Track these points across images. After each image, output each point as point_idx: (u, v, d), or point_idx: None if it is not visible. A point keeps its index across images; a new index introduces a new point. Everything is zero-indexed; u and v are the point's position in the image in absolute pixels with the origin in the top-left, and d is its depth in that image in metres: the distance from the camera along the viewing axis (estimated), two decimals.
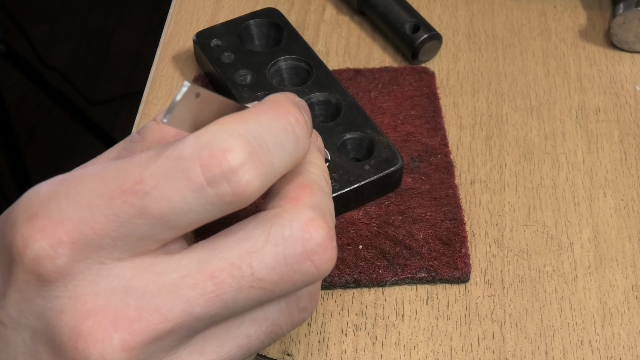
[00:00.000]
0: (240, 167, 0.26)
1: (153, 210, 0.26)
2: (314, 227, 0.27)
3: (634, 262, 0.44)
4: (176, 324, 0.27)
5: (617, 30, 0.54)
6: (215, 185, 0.26)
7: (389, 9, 0.55)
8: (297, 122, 0.28)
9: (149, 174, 0.26)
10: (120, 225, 0.26)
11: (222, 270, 0.27)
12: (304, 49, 0.51)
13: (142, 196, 0.26)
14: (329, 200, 0.30)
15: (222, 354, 0.29)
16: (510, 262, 0.44)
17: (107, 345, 0.26)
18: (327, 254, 0.28)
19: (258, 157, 0.26)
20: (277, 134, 0.28)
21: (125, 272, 0.27)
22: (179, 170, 0.26)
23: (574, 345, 0.41)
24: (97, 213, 0.26)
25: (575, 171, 0.48)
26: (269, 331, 0.30)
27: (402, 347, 0.41)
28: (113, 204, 0.26)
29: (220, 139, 0.26)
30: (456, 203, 0.46)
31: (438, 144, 0.48)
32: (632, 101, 0.52)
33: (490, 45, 0.55)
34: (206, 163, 0.26)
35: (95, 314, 0.26)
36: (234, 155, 0.26)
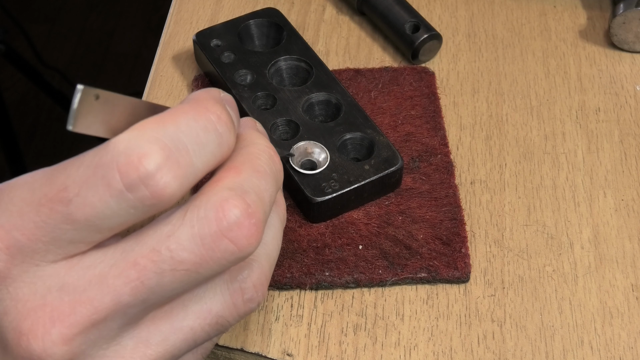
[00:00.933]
0: (157, 171, 0.27)
1: (78, 216, 0.27)
2: (228, 206, 0.28)
3: (634, 262, 0.44)
4: (108, 313, 0.28)
5: (617, 30, 0.54)
6: (133, 190, 0.27)
7: (389, 9, 0.55)
8: (218, 120, 0.29)
9: (72, 182, 0.27)
10: (50, 231, 0.27)
11: (143, 256, 0.28)
12: (304, 49, 0.51)
13: (66, 203, 0.27)
14: (262, 179, 0.30)
15: (167, 347, 0.30)
16: (510, 262, 0.44)
17: (47, 340, 0.27)
18: (244, 231, 0.28)
19: (175, 159, 0.27)
20: (197, 134, 0.28)
21: (59, 271, 0.28)
22: (99, 178, 0.27)
23: (574, 345, 0.41)
24: (27, 220, 0.28)
25: (575, 171, 0.48)
26: (213, 323, 0.30)
27: (402, 347, 0.41)
28: (41, 212, 0.27)
29: (136, 145, 0.27)
30: (456, 203, 0.46)
31: (438, 144, 0.48)
32: (632, 101, 0.52)
33: (490, 45, 0.55)
34: (123, 169, 0.27)
35: (35, 313, 0.28)
36: (150, 161, 0.27)
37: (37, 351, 0.27)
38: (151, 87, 0.53)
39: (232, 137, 0.30)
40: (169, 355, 0.30)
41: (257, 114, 0.47)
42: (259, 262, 0.31)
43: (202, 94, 0.30)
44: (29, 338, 0.27)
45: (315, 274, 0.42)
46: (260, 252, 0.32)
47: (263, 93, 0.48)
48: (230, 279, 0.31)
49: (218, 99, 0.30)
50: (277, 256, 0.33)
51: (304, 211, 0.44)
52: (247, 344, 0.41)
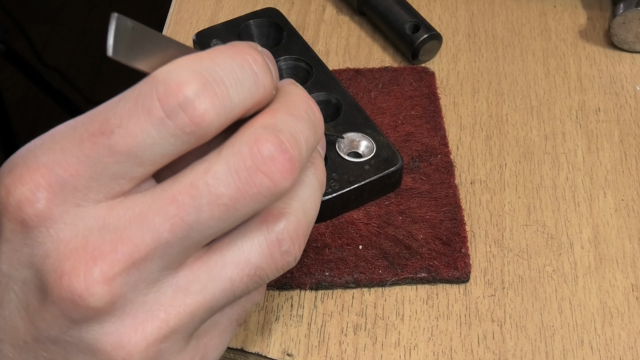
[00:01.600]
0: (195, 97, 0.27)
1: (120, 146, 0.28)
2: (262, 141, 0.29)
3: (634, 262, 0.44)
4: (149, 252, 0.28)
5: (617, 30, 0.54)
6: (173, 117, 0.27)
7: (389, 9, 0.55)
8: (254, 61, 0.30)
9: (113, 114, 0.28)
10: (92, 165, 0.28)
11: (181, 192, 0.28)
12: (304, 49, 0.51)
13: (109, 135, 0.28)
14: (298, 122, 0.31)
15: (206, 296, 0.30)
16: (510, 262, 0.44)
17: (89, 278, 0.27)
18: (278, 166, 0.29)
19: (212, 88, 0.28)
20: (233, 70, 0.29)
21: (100, 212, 0.28)
22: (139, 107, 0.28)
23: (574, 345, 0.41)
24: (69, 155, 0.28)
25: (575, 171, 0.48)
26: (252, 274, 0.31)
27: (402, 347, 0.41)
28: (83, 146, 0.28)
29: (175, 74, 0.28)
30: (456, 203, 0.46)
31: (438, 144, 0.48)
32: (632, 101, 0.52)
33: (490, 45, 0.55)
34: (163, 97, 0.27)
35: (76, 253, 0.28)
36: (189, 88, 0.27)
37: (78, 290, 0.27)
38: None
39: (268, 79, 0.30)
40: (207, 305, 0.30)
41: None
42: (295, 215, 0.31)
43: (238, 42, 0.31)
44: (70, 277, 0.27)
45: (315, 274, 0.42)
46: (296, 206, 0.32)
47: None
48: (268, 230, 0.31)
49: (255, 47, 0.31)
50: (315, 217, 0.33)
51: None
52: (247, 344, 0.41)
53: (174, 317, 0.29)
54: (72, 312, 0.28)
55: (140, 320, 0.29)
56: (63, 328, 0.28)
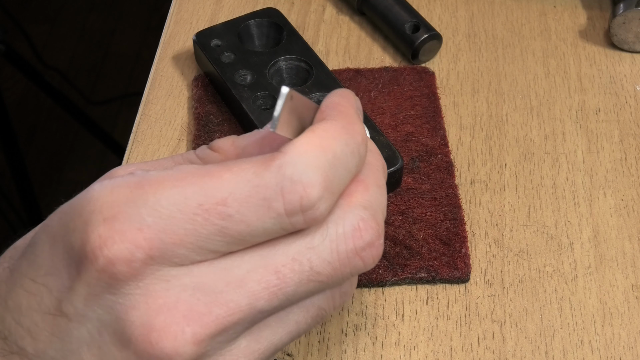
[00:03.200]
0: (318, 201, 0.28)
1: (232, 231, 0.28)
2: (365, 226, 0.30)
3: (634, 262, 0.44)
4: (242, 317, 0.28)
5: (617, 30, 0.54)
6: (292, 216, 0.28)
7: (389, 9, 0.55)
8: (362, 142, 0.31)
9: (232, 197, 0.28)
10: (198, 240, 0.28)
11: (284, 265, 0.29)
12: (304, 49, 0.51)
13: (224, 218, 0.28)
14: (382, 195, 0.32)
15: (275, 341, 0.31)
16: (510, 262, 0.44)
17: (180, 338, 0.27)
18: (374, 251, 0.30)
19: (332, 189, 0.29)
20: (347, 160, 0.30)
21: (194, 271, 0.28)
22: (261, 199, 0.28)
23: (574, 345, 0.41)
24: (178, 225, 0.28)
25: (575, 171, 0.48)
26: (314, 315, 0.31)
27: (402, 347, 0.41)
28: (195, 221, 0.28)
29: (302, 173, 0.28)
30: (456, 203, 0.46)
31: (438, 144, 0.48)
32: (632, 101, 0.52)
33: (490, 45, 0.55)
34: (288, 197, 0.28)
35: (168, 310, 0.28)
36: (314, 192, 0.28)
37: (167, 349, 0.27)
38: (151, 87, 0.53)
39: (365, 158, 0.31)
40: (274, 348, 0.31)
41: (257, 114, 0.47)
42: None
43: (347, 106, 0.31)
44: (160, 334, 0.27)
45: None
46: None
47: (263, 93, 0.48)
48: None
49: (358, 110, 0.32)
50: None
51: None
52: None
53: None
54: None
55: None
56: None
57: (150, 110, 0.52)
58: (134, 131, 0.50)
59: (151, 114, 0.51)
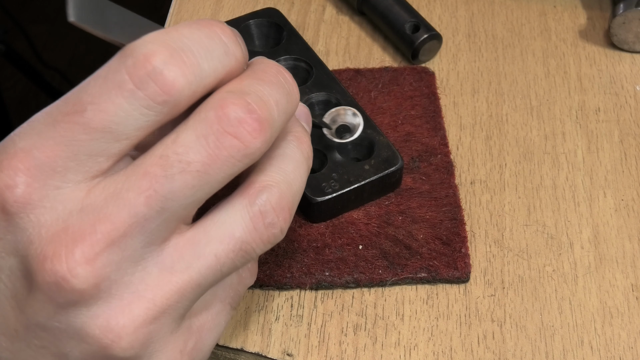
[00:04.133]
0: (164, 66, 0.28)
1: (94, 123, 0.28)
2: (228, 104, 0.29)
3: (634, 262, 0.44)
4: (127, 228, 0.28)
5: (617, 30, 0.54)
6: (144, 87, 0.28)
7: (389, 9, 0.55)
8: (223, 32, 0.30)
9: (85, 93, 0.28)
10: (68, 145, 0.28)
11: (152, 164, 0.28)
12: (304, 49, 0.51)
13: (82, 113, 0.28)
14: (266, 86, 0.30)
15: (192, 273, 0.30)
16: (510, 262, 0.44)
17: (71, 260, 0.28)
18: (246, 126, 0.29)
19: (180, 57, 0.28)
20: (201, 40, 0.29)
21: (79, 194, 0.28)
22: (109, 82, 0.28)
23: (574, 345, 0.41)
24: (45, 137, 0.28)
25: (575, 171, 0.48)
26: (237, 249, 0.30)
27: (402, 347, 0.41)
28: (58, 127, 0.28)
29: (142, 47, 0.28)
30: (456, 203, 0.46)
31: (438, 144, 0.48)
32: (632, 101, 0.52)
33: (490, 45, 0.55)
34: (132, 69, 0.28)
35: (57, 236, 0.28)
36: (156, 58, 0.28)
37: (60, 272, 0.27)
38: None
39: (238, 50, 0.30)
40: (195, 283, 0.30)
41: None
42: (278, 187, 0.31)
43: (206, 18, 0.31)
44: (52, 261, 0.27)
45: (315, 273, 0.42)
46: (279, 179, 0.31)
47: None
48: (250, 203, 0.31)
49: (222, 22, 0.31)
50: (301, 191, 0.33)
51: (304, 211, 0.44)
52: (247, 344, 0.41)
53: (161, 297, 0.29)
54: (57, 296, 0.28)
55: (127, 301, 0.29)
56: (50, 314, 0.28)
57: None
58: None
59: None
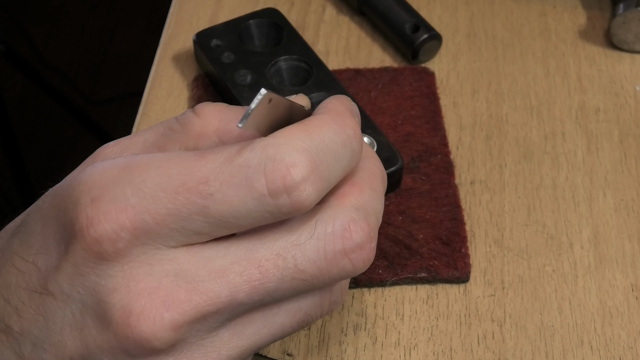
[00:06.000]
0: (302, 182, 0.28)
1: (214, 211, 0.28)
2: (355, 228, 0.29)
3: (633, 262, 0.44)
4: (221, 307, 0.28)
5: (617, 30, 0.54)
6: (276, 196, 0.28)
7: (389, 9, 0.55)
8: (354, 136, 0.30)
9: (214, 176, 0.28)
10: (180, 219, 0.28)
11: (268, 259, 0.29)
12: (304, 49, 0.51)
13: (206, 197, 0.28)
14: (377, 200, 0.32)
15: (257, 340, 0.31)
16: (510, 262, 0.44)
17: (158, 324, 0.28)
18: (364, 254, 0.30)
19: (319, 173, 0.28)
20: (337, 149, 0.29)
21: (178, 257, 0.29)
22: (243, 178, 0.28)
23: (574, 345, 0.41)
24: (160, 205, 0.28)
25: (575, 171, 0.48)
26: (300, 320, 0.31)
27: (402, 347, 0.41)
28: (177, 200, 0.28)
29: (285, 153, 0.28)
30: (456, 203, 0.46)
31: (438, 144, 0.48)
32: (632, 101, 0.52)
33: (490, 45, 0.55)
34: (270, 175, 0.27)
35: (148, 294, 0.28)
36: (298, 171, 0.28)
37: (145, 333, 0.28)
38: (151, 87, 0.53)
39: (360, 153, 0.31)
40: (256, 346, 0.31)
41: None
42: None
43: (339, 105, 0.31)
44: (139, 319, 0.28)
45: None
46: None
47: None
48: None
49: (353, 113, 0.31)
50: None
51: None
52: None
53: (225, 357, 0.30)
54: (132, 349, 0.28)
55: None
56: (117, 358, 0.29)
57: (150, 110, 0.52)
58: (134, 131, 0.50)
59: (151, 114, 0.51)
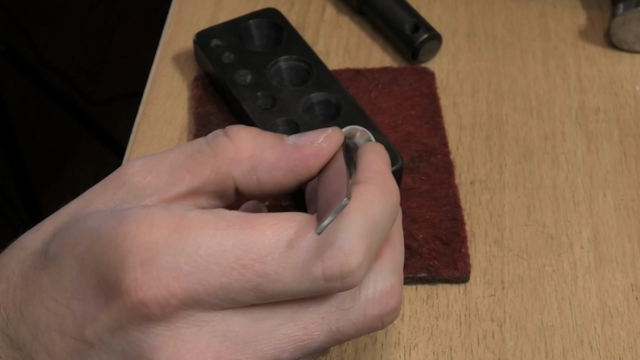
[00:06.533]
0: (357, 269, 0.28)
1: (267, 289, 0.28)
2: (393, 292, 0.31)
3: (633, 262, 0.44)
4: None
5: (617, 30, 0.54)
6: (330, 281, 0.28)
7: (389, 9, 0.55)
8: (397, 202, 0.31)
9: (272, 257, 0.28)
10: (232, 293, 0.28)
11: (314, 322, 0.30)
12: (304, 49, 0.51)
13: (261, 275, 0.28)
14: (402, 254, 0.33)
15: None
16: (510, 262, 0.44)
17: None
18: (395, 315, 0.31)
19: (371, 254, 0.29)
20: (386, 222, 0.30)
21: (226, 319, 0.29)
22: (301, 261, 0.28)
23: (574, 345, 0.41)
24: (213, 278, 0.28)
25: (575, 171, 0.48)
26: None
27: (402, 347, 0.41)
28: (231, 275, 0.28)
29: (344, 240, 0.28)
30: (456, 203, 0.46)
31: (438, 144, 0.48)
32: (632, 101, 0.52)
33: (490, 45, 0.55)
34: (329, 262, 0.28)
35: (196, 354, 0.28)
36: (355, 259, 0.28)
37: None
38: (151, 87, 0.53)
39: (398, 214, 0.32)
40: None
41: (257, 114, 0.47)
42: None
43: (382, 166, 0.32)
44: None
45: None
46: None
47: (263, 93, 0.48)
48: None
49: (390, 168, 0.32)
50: None
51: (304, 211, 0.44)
52: None
53: None
54: None
55: None
56: None
57: (151, 110, 0.52)
58: (134, 131, 0.50)
59: (151, 114, 0.51)
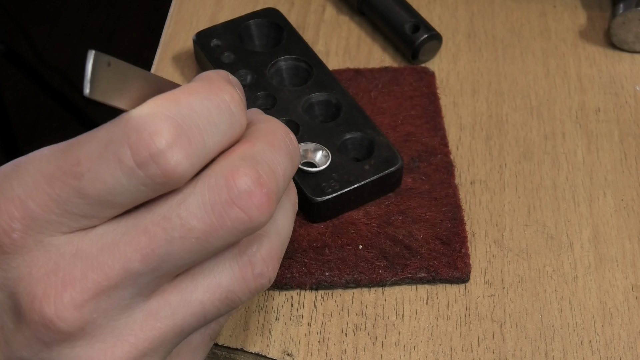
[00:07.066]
0: (168, 149, 0.27)
1: (89, 190, 0.28)
2: (239, 174, 0.28)
3: (634, 262, 0.44)
4: (119, 280, 0.28)
5: (617, 30, 0.54)
6: (144, 167, 0.27)
7: (389, 9, 0.55)
8: (231, 99, 0.29)
9: (85, 156, 0.28)
10: (62, 204, 0.28)
11: (153, 223, 0.28)
12: (304, 49, 0.51)
13: (79, 177, 0.28)
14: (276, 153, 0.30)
15: (176, 320, 0.30)
16: (510, 262, 0.44)
17: (59, 304, 0.28)
18: (255, 200, 0.28)
19: (187, 138, 0.27)
20: (210, 113, 0.29)
21: (73, 239, 0.29)
22: (110, 153, 0.27)
23: (574, 345, 0.41)
24: (41, 191, 0.28)
25: (575, 171, 0.48)
26: (223, 297, 0.30)
27: (402, 347, 0.41)
28: (54, 184, 0.28)
29: (148, 122, 0.27)
30: (456, 203, 0.46)
31: (438, 144, 0.48)
32: (632, 101, 0.52)
33: (490, 45, 0.55)
34: (134, 146, 0.27)
35: (48, 277, 0.28)
36: (161, 139, 0.27)
37: (48, 315, 0.28)
38: None
39: (244, 117, 0.30)
40: (178, 329, 0.30)
41: None
42: (268, 237, 0.31)
43: (213, 75, 0.30)
44: (41, 302, 0.28)
45: (315, 274, 0.42)
46: (269, 228, 0.32)
47: (263, 93, 0.48)
48: (239, 253, 0.31)
49: (229, 80, 0.30)
50: (289, 237, 0.33)
51: (304, 211, 0.44)
52: (247, 343, 0.41)
53: (144, 341, 0.30)
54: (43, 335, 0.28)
55: (109, 344, 0.29)
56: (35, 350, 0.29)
57: None
58: None
59: None
